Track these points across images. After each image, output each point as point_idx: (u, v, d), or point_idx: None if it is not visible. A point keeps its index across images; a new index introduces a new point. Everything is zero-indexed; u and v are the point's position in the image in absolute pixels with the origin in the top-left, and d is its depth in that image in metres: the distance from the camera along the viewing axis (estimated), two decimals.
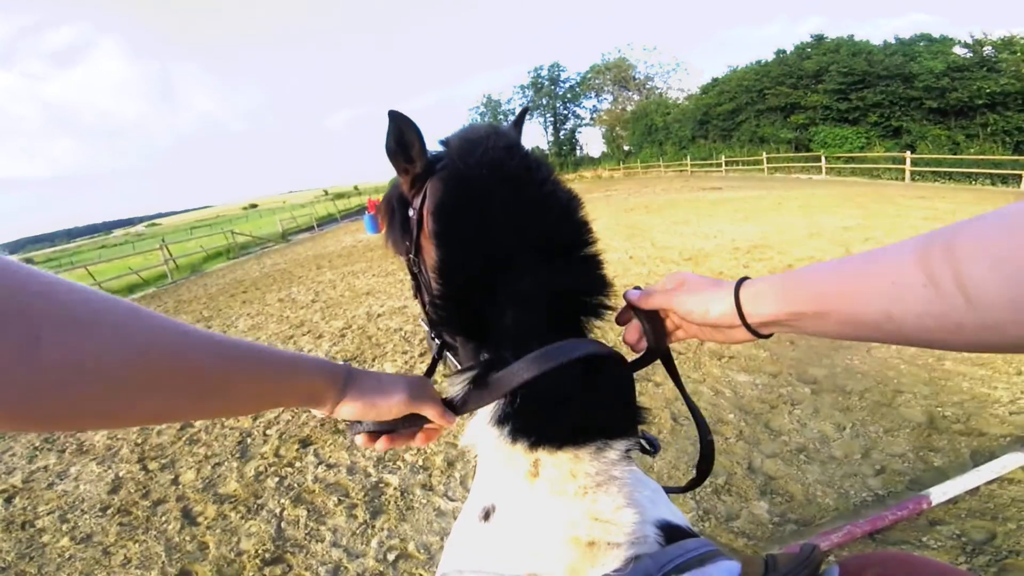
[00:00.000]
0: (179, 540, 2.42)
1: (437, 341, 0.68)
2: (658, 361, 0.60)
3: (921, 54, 20.37)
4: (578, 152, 45.48)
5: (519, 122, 0.78)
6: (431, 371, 0.68)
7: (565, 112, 45.03)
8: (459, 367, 0.59)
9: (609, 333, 0.63)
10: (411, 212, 0.68)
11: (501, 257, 0.57)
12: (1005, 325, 0.31)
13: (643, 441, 0.59)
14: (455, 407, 0.57)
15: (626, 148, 39.12)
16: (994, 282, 0.30)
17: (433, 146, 0.68)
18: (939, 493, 2.00)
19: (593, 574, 0.44)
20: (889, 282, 0.37)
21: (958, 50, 19.96)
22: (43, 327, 0.29)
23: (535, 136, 45.14)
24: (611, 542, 0.46)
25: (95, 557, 2.38)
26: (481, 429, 0.56)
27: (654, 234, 8.43)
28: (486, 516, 0.57)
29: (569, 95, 44.32)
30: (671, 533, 0.50)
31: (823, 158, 18.62)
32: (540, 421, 0.53)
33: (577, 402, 0.53)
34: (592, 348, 0.53)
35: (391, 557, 2.12)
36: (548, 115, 44.86)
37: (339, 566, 2.12)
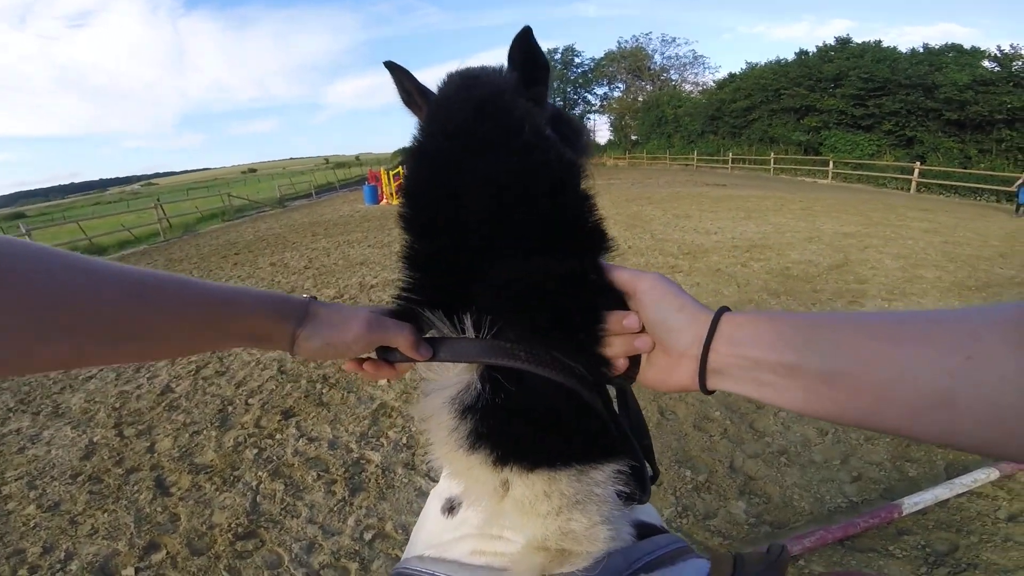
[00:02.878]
0: (150, 511, 2.35)
1: None
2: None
3: (948, 65, 19.96)
4: None
5: (516, 55, 0.54)
6: None
7: (575, 97, 44.45)
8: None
9: None
10: None
11: (476, 245, 0.47)
12: None
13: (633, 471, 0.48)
14: (430, 345, 0.48)
15: (633, 138, 38.73)
16: None
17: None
18: (910, 503, 2.02)
19: (562, 571, 0.43)
20: (962, 355, 0.27)
21: (986, 63, 19.58)
22: None
23: None
24: (582, 551, 0.44)
25: (61, 526, 2.29)
26: (437, 414, 0.47)
27: (654, 226, 8.38)
28: (450, 510, 0.55)
29: (581, 80, 43.67)
30: (643, 530, 0.49)
31: (831, 163, 18.47)
32: (511, 435, 0.44)
33: (563, 419, 0.45)
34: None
35: (368, 536, 2.10)
36: (558, 99, 44.28)
37: (313, 543, 2.09)
